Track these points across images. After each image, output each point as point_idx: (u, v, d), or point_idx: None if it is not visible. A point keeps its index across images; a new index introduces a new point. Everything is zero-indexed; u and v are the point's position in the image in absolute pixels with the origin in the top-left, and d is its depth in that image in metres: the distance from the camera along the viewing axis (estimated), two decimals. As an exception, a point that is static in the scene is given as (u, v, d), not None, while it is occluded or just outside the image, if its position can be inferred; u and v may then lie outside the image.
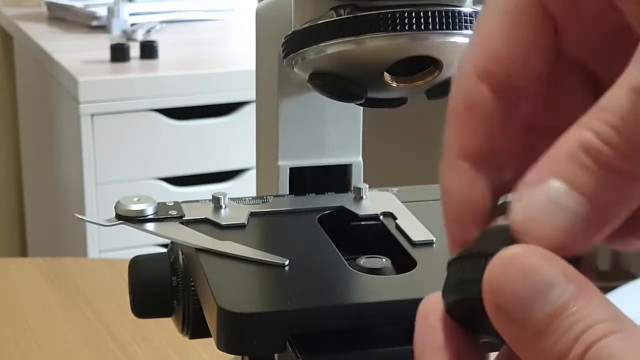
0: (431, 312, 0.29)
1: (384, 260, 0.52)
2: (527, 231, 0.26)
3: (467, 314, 0.28)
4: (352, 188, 0.61)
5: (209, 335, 0.49)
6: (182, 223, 0.56)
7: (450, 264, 0.29)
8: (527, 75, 0.29)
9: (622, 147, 0.25)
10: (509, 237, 0.27)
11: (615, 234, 0.27)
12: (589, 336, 0.24)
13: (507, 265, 0.25)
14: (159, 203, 0.56)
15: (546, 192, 0.26)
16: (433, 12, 0.49)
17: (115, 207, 0.55)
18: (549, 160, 0.26)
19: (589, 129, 0.25)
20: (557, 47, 0.29)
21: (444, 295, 0.29)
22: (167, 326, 0.58)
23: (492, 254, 0.26)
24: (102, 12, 1.93)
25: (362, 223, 0.58)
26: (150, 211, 0.55)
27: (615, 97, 0.25)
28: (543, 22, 0.29)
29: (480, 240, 0.29)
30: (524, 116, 0.30)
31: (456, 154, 0.29)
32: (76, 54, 1.75)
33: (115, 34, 1.87)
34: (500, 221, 0.28)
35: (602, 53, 0.30)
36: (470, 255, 0.28)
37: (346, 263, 0.51)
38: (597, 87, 0.30)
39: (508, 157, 0.29)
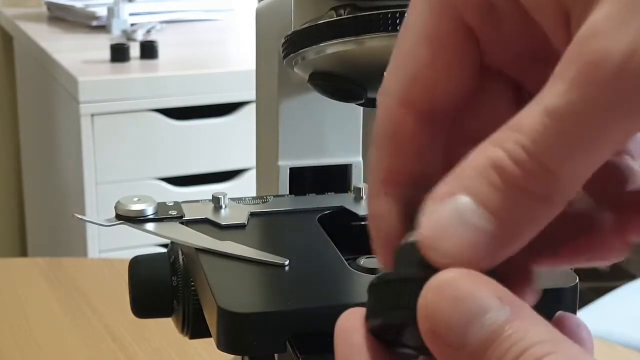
0: (353, 330, 0.29)
1: (384, 260, 0.52)
2: (434, 247, 0.26)
3: (395, 335, 0.28)
4: (352, 188, 0.61)
5: (209, 335, 0.49)
6: (182, 223, 0.56)
7: (373, 286, 0.28)
8: (451, 99, 0.29)
9: (531, 168, 0.25)
10: (421, 257, 0.27)
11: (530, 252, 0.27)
12: (525, 359, 0.24)
13: (440, 292, 0.25)
14: (159, 203, 0.56)
15: (455, 208, 0.26)
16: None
17: (115, 207, 0.55)
18: (459, 174, 0.26)
19: (500, 147, 0.25)
20: (480, 63, 0.29)
21: (371, 318, 0.28)
22: (167, 326, 0.58)
23: (422, 279, 0.26)
24: (102, 12, 1.93)
25: (362, 223, 0.58)
26: (150, 211, 0.55)
27: (529, 117, 0.25)
28: (465, 44, 0.29)
29: (396, 260, 0.29)
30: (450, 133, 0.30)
31: (382, 180, 0.30)
32: (76, 54, 1.75)
33: (115, 34, 1.87)
34: (411, 237, 0.28)
35: (526, 65, 0.30)
36: (396, 280, 0.28)
37: (346, 263, 0.51)
38: (522, 95, 0.30)
39: (437, 176, 0.29)
